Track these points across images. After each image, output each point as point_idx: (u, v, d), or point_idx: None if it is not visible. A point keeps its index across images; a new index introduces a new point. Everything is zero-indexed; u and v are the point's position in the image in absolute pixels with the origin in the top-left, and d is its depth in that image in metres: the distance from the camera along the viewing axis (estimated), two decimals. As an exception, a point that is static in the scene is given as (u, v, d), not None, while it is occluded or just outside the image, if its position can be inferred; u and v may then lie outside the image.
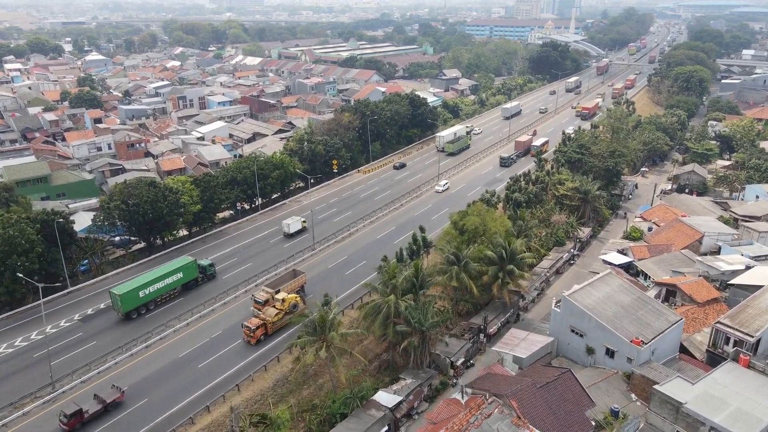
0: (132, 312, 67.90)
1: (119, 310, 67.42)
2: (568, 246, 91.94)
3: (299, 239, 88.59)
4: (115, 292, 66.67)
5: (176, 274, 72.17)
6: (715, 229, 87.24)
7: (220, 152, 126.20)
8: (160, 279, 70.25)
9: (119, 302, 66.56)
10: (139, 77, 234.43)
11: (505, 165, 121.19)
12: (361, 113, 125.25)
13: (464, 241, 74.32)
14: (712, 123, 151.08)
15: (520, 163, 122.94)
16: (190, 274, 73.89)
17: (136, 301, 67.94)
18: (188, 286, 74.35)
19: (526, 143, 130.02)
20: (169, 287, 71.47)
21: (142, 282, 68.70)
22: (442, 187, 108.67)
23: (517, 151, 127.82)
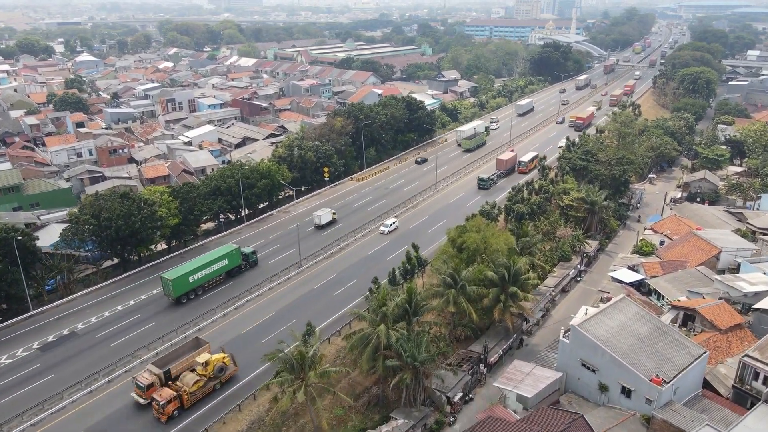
0: (182, 297, 69.91)
1: (170, 295, 69.38)
2: (575, 261, 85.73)
3: (330, 230, 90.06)
4: (167, 277, 68.62)
5: (222, 260, 74.24)
6: (734, 244, 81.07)
7: (206, 158, 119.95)
8: (207, 265, 72.33)
9: (171, 287, 68.50)
10: (130, 79, 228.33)
11: (484, 187, 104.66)
12: (354, 117, 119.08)
13: (463, 259, 68.20)
14: (722, 127, 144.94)
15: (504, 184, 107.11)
16: (234, 261, 76.09)
17: (186, 286, 70.05)
18: (232, 273, 76.28)
19: (509, 161, 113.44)
20: (215, 273, 73.58)
21: (192, 268, 70.83)
22: (388, 227, 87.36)
23: (499, 170, 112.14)
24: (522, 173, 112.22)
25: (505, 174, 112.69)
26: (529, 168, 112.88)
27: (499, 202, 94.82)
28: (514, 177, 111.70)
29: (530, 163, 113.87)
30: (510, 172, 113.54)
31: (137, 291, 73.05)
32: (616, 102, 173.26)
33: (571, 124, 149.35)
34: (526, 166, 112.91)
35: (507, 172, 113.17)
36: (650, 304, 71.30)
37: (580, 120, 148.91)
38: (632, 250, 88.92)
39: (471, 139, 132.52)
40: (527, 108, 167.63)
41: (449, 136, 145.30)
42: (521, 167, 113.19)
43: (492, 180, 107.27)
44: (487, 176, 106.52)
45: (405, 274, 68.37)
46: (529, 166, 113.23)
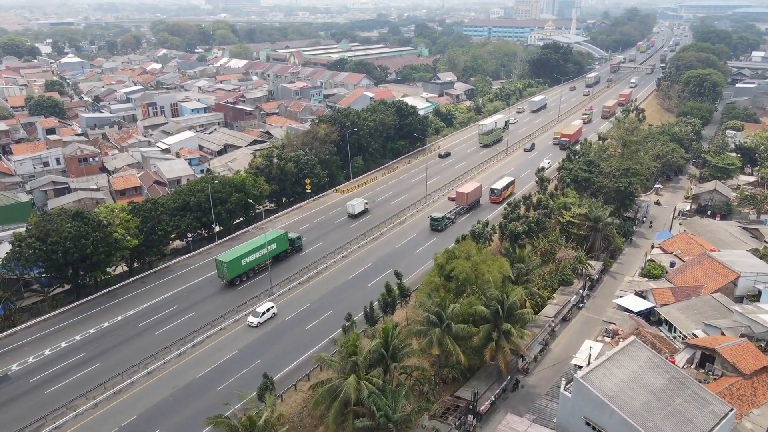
0: (236, 279, 72.55)
1: (225, 276, 71.98)
2: (576, 286, 77.90)
3: (363, 220, 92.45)
4: (222, 260, 71.42)
5: (271, 244, 76.06)
6: (753, 268, 73.14)
7: (182, 168, 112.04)
8: (257, 249, 74.64)
9: (225, 269, 71.08)
10: (115, 81, 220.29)
11: (437, 229, 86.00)
12: (340, 124, 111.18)
13: (451, 289, 60.40)
14: (731, 132, 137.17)
15: (465, 223, 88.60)
16: (281, 246, 78.51)
17: (240, 268, 72.65)
18: (279, 257, 78.58)
19: (471, 195, 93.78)
20: (264, 257, 75.39)
21: (244, 251, 73.49)
22: (258, 317, 63.77)
23: (459, 205, 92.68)
24: (495, 202, 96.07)
25: (466, 209, 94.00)
26: (503, 196, 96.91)
27: (492, 219, 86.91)
28: (479, 212, 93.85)
29: (504, 190, 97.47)
30: (474, 206, 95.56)
31: (88, 323, 65.12)
32: (609, 113, 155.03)
33: (555, 141, 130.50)
34: (499, 194, 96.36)
35: (470, 206, 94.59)
36: (662, 338, 63.54)
37: (565, 137, 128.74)
38: (639, 272, 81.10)
39: (489, 135, 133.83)
40: (540, 104, 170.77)
41: (443, 142, 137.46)
42: (494, 195, 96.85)
43: (448, 219, 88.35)
44: (441, 215, 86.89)
45: (385, 307, 60.47)
46: (503, 194, 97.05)
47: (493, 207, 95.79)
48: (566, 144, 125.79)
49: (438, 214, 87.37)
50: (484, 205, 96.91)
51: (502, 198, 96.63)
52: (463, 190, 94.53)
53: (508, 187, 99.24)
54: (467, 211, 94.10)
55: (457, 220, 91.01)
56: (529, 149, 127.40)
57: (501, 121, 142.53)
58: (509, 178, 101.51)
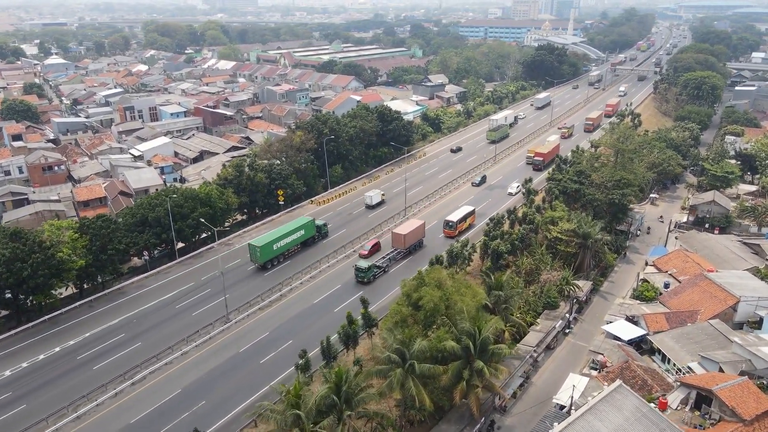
0: (267, 263, 75.91)
1: (257, 260, 75.47)
2: (563, 309, 71.96)
3: (380, 210, 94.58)
4: (255, 244, 74.89)
5: (300, 231, 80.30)
6: (754, 291, 67.26)
7: (150, 177, 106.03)
8: (288, 234, 78.36)
9: (258, 253, 74.54)
10: (98, 83, 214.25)
11: (363, 280, 71.03)
12: (317, 131, 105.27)
13: (420, 320, 54.49)
14: (731, 138, 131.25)
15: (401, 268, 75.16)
16: (309, 232, 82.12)
17: (271, 252, 76.04)
18: (306, 243, 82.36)
19: (410, 236, 77.48)
20: (294, 242, 79.69)
21: (275, 236, 77.09)
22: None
23: (395, 249, 77.42)
24: (449, 236, 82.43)
25: (405, 253, 78.57)
26: (459, 229, 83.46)
27: (470, 238, 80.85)
28: (424, 253, 78.24)
29: (461, 222, 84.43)
30: (416, 248, 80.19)
31: (22, 354, 59.21)
32: (593, 127, 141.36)
33: (528, 161, 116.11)
34: (454, 227, 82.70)
35: (411, 248, 79.26)
36: (653, 372, 57.59)
37: (539, 156, 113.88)
38: (631, 293, 75.24)
39: (496, 131, 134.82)
40: (545, 102, 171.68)
41: (429, 149, 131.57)
42: (448, 229, 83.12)
43: (378, 268, 72.70)
44: (368, 264, 70.75)
45: (347, 340, 54.54)
46: (459, 227, 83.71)
47: (442, 244, 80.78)
48: (539, 164, 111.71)
49: (364, 263, 71.35)
50: (428, 246, 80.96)
51: (459, 231, 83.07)
52: (401, 230, 77.54)
53: (467, 218, 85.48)
54: (408, 255, 78.46)
55: (391, 268, 74.95)
56: (479, 183, 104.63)
57: (511, 116, 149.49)
58: (468, 208, 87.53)
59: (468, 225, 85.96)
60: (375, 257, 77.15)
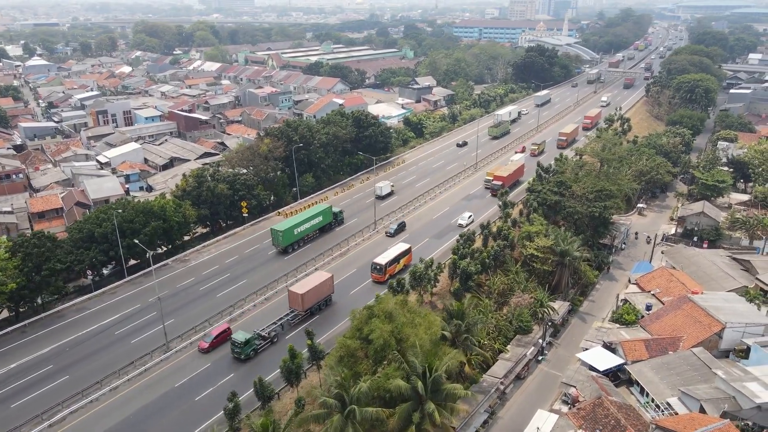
0: (288, 247, 79.02)
1: (279, 244, 78.64)
2: (536, 333, 66.80)
3: (390, 201, 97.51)
4: (277, 229, 78.33)
5: (318, 217, 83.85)
6: (740, 316, 62.17)
7: (111, 187, 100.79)
8: (307, 220, 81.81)
9: (281, 237, 77.81)
10: (77, 85, 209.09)
11: (241, 357, 56.20)
12: (287, 138, 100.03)
13: (370, 355, 49.32)
14: (723, 144, 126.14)
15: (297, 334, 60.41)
16: (327, 218, 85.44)
17: (293, 237, 79.35)
18: (324, 229, 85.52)
19: (311, 294, 62.86)
20: (313, 228, 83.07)
21: (296, 221, 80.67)
22: None
23: (292, 310, 63.02)
24: (379, 281, 69.64)
25: (306, 315, 63.62)
26: (390, 272, 70.26)
27: (439, 256, 75.61)
28: (334, 312, 65.13)
29: (393, 264, 71.04)
30: (321, 307, 65.26)
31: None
32: (566, 143, 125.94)
33: (486, 185, 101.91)
34: (383, 270, 69.24)
35: (314, 309, 64.32)
36: (628, 410, 52.36)
37: (498, 179, 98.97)
38: (610, 316, 70.10)
39: (497, 127, 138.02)
40: (545, 99, 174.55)
41: (410, 156, 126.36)
42: (376, 273, 69.87)
43: (263, 339, 58.19)
44: (245, 337, 56.22)
45: (288, 375, 49.29)
46: (389, 270, 70.12)
47: (369, 290, 67.71)
48: (498, 188, 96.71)
49: (242, 336, 56.31)
50: (352, 295, 68.26)
51: (389, 275, 69.80)
52: (298, 288, 62.68)
53: (400, 258, 72.38)
54: (304, 319, 63.35)
55: (285, 335, 60.63)
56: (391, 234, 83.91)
57: (515, 112, 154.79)
58: (402, 246, 74.42)
59: (403, 265, 72.61)
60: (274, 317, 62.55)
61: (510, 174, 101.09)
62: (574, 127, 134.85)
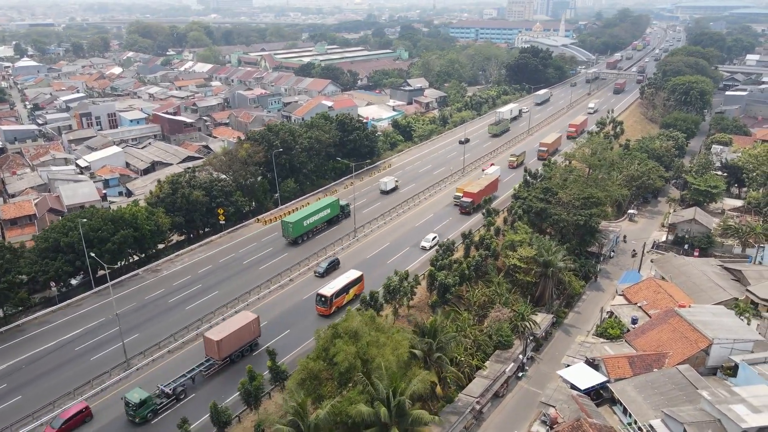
0: (298, 238, 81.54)
1: (289, 236, 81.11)
2: (517, 348, 64.13)
3: (394, 195, 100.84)
4: (288, 221, 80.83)
5: (326, 209, 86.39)
6: (729, 332, 59.38)
7: (87, 192, 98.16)
8: (316, 212, 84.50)
9: (291, 229, 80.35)
10: (66, 86, 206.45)
11: (135, 420, 48.23)
12: (268, 143, 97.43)
13: (335, 377, 46.65)
14: (717, 148, 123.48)
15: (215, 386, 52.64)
16: (334, 211, 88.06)
17: (302, 228, 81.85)
18: (331, 221, 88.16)
19: (229, 340, 54.71)
20: (321, 220, 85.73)
21: (305, 213, 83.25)
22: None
23: (208, 358, 54.85)
24: (323, 315, 62.62)
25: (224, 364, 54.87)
26: (338, 304, 63.14)
27: (416, 269, 72.80)
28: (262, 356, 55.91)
29: (342, 295, 63.72)
30: (242, 354, 56.59)
31: None
32: (547, 153, 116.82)
33: (456, 201, 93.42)
34: (329, 303, 62.15)
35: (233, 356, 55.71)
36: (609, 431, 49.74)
37: (468, 196, 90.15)
38: (595, 330, 67.42)
39: (497, 125, 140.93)
40: (544, 98, 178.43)
41: (397, 160, 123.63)
42: (322, 306, 62.53)
43: (166, 396, 50.19)
44: (140, 398, 48.25)
45: (247, 398, 46.64)
46: (337, 302, 63.11)
47: (312, 324, 60.18)
48: (468, 205, 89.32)
49: (137, 395, 48.31)
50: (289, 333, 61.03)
51: (336, 307, 62.88)
52: (214, 335, 54.20)
53: (350, 288, 64.50)
54: (222, 369, 54.64)
55: (197, 390, 52.21)
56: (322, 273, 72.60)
57: (516, 110, 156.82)
58: (354, 274, 66.52)
59: (353, 295, 64.92)
60: None
61: (481, 190, 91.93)
62: (556, 136, 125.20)
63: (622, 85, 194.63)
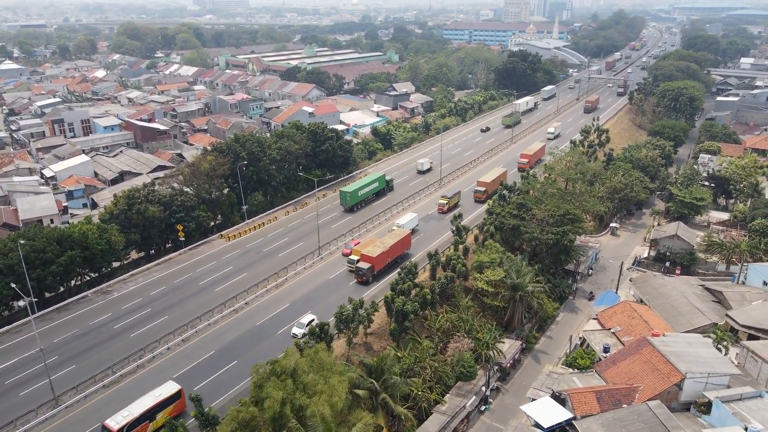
0: (353, 207, 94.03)
1: (347, 204, 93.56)
2: (480, 379, 60.27)
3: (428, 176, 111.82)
4: (346, 190, 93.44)
5: (375, 183, 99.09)
6: (704, 365, 55.44)
7: (45, 206, 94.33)
8: (368, 185, 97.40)
9: (348, 198, 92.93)
10: (46, 90, 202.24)
11: None
12: (234, 154, 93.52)
13: (268, 424, 42.78)
14: (704, 158, 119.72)
15: None
16: (381, 184, 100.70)
17: (357, 198, 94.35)
18: (379, 194, 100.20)
19: None
20: (372, 191, 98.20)
21: (360, 185, 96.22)
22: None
23: None
24: None
25: None
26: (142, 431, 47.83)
27: (376, 294, 68.74)
28: None
29: (144, 423, 47.09)
30: None
31: None
32: (485, 195, 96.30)
33: (350, 267, 72.30)
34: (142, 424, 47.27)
35: None
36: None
37: (366, 260, 69.76)
38: (564, 359, 63.60)
39: (509, 117, 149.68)
40: (551, 93, 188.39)
41: (374, 170, 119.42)
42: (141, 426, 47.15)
43: None
44: None
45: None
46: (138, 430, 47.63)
47: None
48: (364, 273, 69.08)
49: None
50: None
51: None
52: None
53: (156, 412, 47.69)
54: None
55: None
56: None
57: (531, 102, 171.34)
58: (166, 390, 49.55)
59: (165, 419, 47.54)
60: None
61: (384, 252, 70.83)
62: (499, 172, 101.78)
63: (593, 102, 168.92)
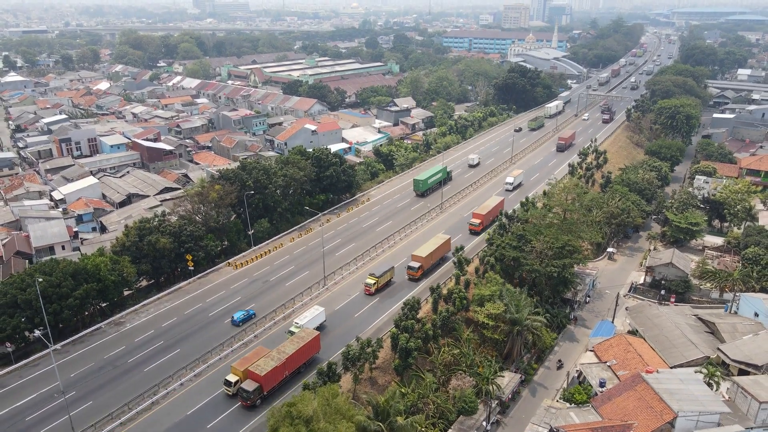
0: (424, 192, 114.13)
1: (419, 189, 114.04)
2: (481, 414, 62.75)
3: (479, 168, 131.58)
4: (418, 179, 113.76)
5: (440, 173, 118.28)
6: (696, 403, 57.96)
7: (56, 233, 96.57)
8: (435, 174, 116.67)
9: (420, 185, 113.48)
10: (51, 104, 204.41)
11: None
12: (240, 183, 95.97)
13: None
14: (699, 180, 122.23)
15: None
16: (444, 175, 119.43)
17: (427, 185, 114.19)
18: (443, 182, 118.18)
19: None
20: (437, 180, 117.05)
21: (428, 174, 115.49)
22: None
23: None
24: None
25: None
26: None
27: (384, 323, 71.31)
28: None
29: None
30: None
31: None
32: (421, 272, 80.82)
33: (228, 390, 59.55)
34: None
35: None
36: None
37: (256, 380, 57.67)
38: (561, 394, 66.09)
39: (535, 121, 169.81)
40: (567, 99, 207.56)
41: (377, 192, 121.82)
42: None
43: None
44: None
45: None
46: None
47: None
48: (250, 398, 57.38)
49: None
50: None
51: None
52: None
53: None
54: None
55: None
56: None
57: (560, 105, 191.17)
58: None
59: None
60: None
61: (274, 368, 57.86)
62: (443, 239, 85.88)
63: (567, 139, 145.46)
